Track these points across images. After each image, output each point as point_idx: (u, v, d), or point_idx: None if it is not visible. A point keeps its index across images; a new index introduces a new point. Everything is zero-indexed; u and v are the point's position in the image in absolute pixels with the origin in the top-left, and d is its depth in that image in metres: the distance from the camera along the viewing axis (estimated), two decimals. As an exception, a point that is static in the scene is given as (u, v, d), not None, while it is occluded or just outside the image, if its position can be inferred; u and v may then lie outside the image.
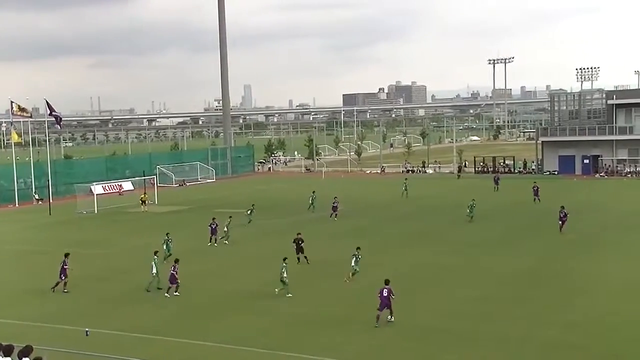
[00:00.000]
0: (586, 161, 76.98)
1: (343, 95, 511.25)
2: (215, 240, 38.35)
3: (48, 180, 63.31)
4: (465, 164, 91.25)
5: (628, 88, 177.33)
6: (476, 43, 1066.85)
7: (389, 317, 23.06)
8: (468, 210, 44.33)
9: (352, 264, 28.70)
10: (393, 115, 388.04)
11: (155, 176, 72.21)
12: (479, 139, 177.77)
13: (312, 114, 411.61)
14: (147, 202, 57.51)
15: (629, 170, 73.92)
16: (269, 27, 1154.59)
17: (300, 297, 27.07)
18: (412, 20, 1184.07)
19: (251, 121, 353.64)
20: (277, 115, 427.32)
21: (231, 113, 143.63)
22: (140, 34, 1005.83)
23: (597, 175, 74.48)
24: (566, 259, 32.49)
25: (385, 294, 23.00)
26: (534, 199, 52.89)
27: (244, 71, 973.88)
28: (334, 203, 46.91)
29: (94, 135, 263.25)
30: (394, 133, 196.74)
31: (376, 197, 60.40)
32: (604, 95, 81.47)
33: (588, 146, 76.89)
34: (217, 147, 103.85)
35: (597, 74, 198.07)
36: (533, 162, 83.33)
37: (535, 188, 53.41)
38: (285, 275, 26.77)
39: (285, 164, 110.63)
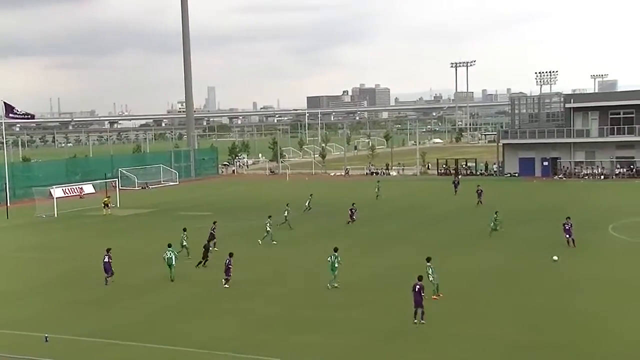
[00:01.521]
0: (545, 163, 78.49)
1: (307, 97, 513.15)
2: (215, 244, 37.02)
3: (5, 184, 61.98)
4: (428, 166, 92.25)
5: (585, 92, 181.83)
6: (438, 47, 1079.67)
7: (420, 319, 22.75)
8: (492, 224, 39.62)
9: (431, 279, 25.92)
10: (357, 118, 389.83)
11: (117, 179, 71.25)
12: (441, 141, 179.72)
13: (276, 116, 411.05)
14: (109, 205, 56.77)
15: (585, 172, 75.61)
16: (232, 29, 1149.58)
17: (274, 298, 27.17)
18: (375, 23, 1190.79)
19: (215, 123, 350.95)
20: (241, 117, 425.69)
21: (195, 115, 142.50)
22: (100, 34, 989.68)
23: (555, 177, 76.00)
24: (531, 259, 32.99)
25: (417, 289, 22.93)
26: (477, 202, 52.93)
27: (207, 73, 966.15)
28: (351, 209, 45.41)
29: (54, 137, 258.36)
30: (358, 135, 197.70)
31: (343, 199, 60.49)
32: (562, 99, 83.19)
33: (547, 149, 78.41)
34: (180, 150, 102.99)
35: (556, 77, 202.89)
36: (494, 164, 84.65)
37: (479, 191, 53.78)
38: (336, 265, 27.93)
39: (247, 167, 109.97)
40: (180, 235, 35.75)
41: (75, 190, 70.24)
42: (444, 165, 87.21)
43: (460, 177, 76.21)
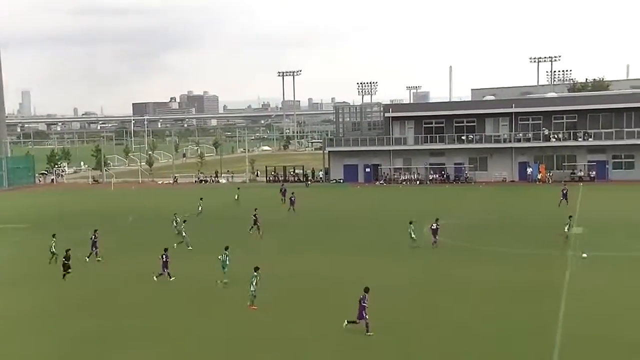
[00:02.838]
0: (368, 170, 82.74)
1: (133, 104, 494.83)
2: (97, 254, 35.74)
3: None
4: (257, 173, 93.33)
5: (402, 102, 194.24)
6: (266, 56, 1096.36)
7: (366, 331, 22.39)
8: (411, 234, 37.38)
9: (252, 288, 25.68)
10: (185, 125, 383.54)
11: None
12: (270, 148, 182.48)
13: (100, 123, 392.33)
14: None
15: (404, 178, 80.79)
16: (49, 30, 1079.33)
17: (104, 310, 26.14)
18: (202, 31, 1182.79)
19: (31, 130, 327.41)
20: (60, 123, 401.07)
21: (7, 121, 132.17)
22: None
23: (377, 182, 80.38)
24: (350, 263, 34.42)
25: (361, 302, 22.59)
26: (289, 209, 54.33)
27: (21, 77, 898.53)
28: (254, 215, 43.48)
29: None
30: (187, 143, 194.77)
31: (169, 208, 59.30)
32: (382, 109, 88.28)
33: (369, 156, 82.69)
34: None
35: (376, 88, 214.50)
36: (321, 171, 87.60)
37: (292, 198, 55.42)
38: (227, 262, 29.86)
39: (62, 175, 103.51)
40: (50, 242, 35.38)
41: None
42: (273, 172, 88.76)
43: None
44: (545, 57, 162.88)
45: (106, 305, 27.21)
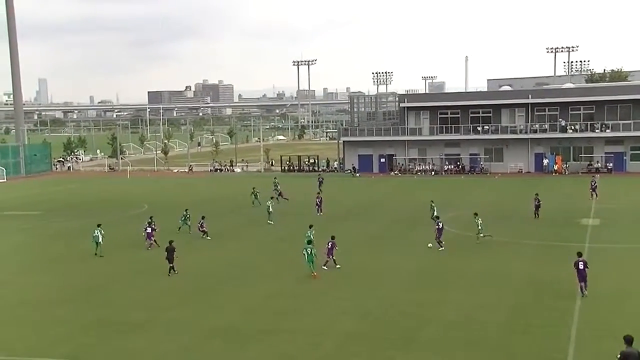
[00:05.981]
0: (382, 160, 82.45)
1: (148, 92, 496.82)
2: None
3: None
4: (272, 162, 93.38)
5: (417, 92, 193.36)
6: (281, 45, 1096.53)
7: (584, 291, 24.60)
8: (478, 225, 36.40)
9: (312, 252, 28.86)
10: (200, 114, 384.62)
11: None
12: (284, 138, 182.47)
13: (116, 111, 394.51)
14: None
15: (419, 168, 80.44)
16: (63, 18, 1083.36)
17: (101, 301, 26.22)
18: (216, 19, 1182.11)
19: (47, 117, 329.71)
20: (76, 111, 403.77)
21: (24, 108, 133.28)
22: None
23: (392, 173, 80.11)
24: (357, 254, 34.09)
25: (581, 266, 24.59)
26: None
27: (38, 64, 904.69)
28: (317, 198, 48.27)
29: None
30: (202, 132, 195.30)
31: (179, 197, 59.62)
32: (397, 99, 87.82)
33: (384, 146, 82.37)
34: (7, 145, 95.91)
35: (391, 78, 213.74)
36: (335, 160, 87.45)
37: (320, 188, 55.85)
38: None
39: (78, 162, 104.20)
40: (95, 232, 33.98)
41: None
42: (288, 162, 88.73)
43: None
44: (562, 48, 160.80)
45: (105, 295, 27.37)
